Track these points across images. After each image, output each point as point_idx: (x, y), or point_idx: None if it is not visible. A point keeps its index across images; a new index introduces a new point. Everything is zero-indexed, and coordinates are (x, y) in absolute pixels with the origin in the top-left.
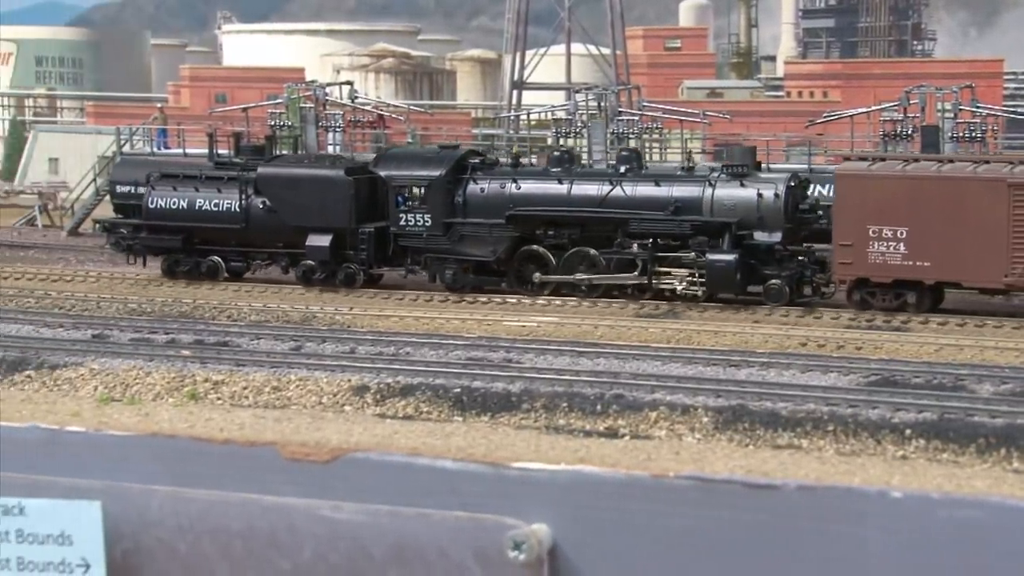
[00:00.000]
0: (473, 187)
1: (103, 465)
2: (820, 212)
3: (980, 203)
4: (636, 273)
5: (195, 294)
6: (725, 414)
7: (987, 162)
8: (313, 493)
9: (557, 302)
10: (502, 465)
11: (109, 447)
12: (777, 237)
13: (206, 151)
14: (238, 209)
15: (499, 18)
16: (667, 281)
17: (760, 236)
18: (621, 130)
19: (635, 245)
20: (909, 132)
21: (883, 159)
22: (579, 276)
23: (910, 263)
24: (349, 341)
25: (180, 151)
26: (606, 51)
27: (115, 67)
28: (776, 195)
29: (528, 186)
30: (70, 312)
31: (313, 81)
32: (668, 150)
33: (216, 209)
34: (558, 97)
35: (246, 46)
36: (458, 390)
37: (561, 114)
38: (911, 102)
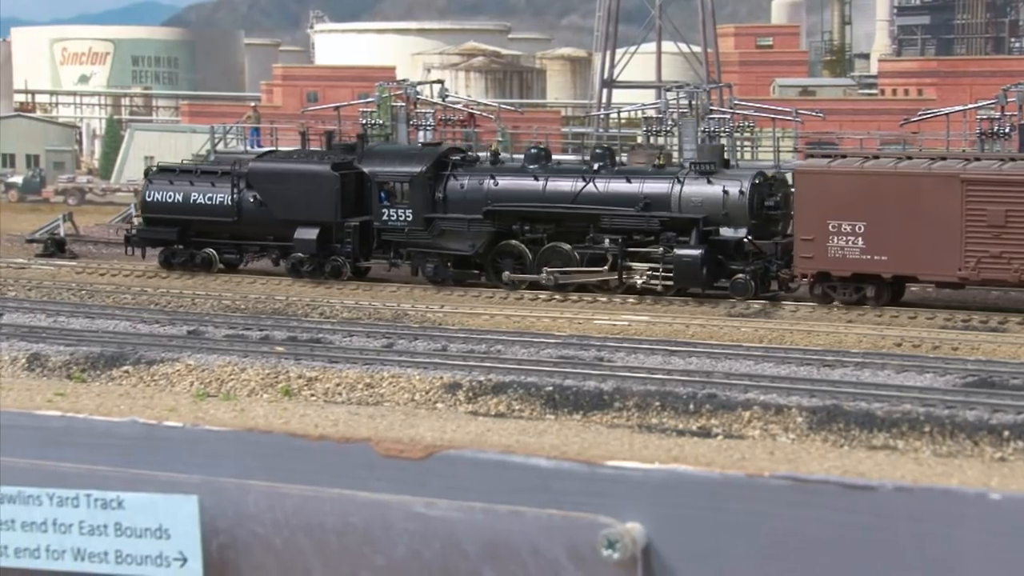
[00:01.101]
0: (453, 183)
1: (200, 460)
2: None
3: (935, 198)
4: (607, 268)
5: (288, 291)
6: (819, 414)
7: (944, 159)
8: (407, 490)
9: (649, 301)
10: (596, 463)
11: (206, 442)
12: (743, 233)
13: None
14: (230, 203)
15: (590, 16)
16: (634, 275)
17: (726, 232)
18: (712, 128)
19: (607, 240)
20: (1006, 131)
21: (844, 156)
22: (546, 272)
23: (868, 257)
24: (440, 339)
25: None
26: (697, 49)
27: (209, 66)
28: (741, 192)
29: (505, 182)
30: (166, 308)
31: (404, 80)
32: (760, 149)
33: (210, 203)
34: (648, 95)
35: (338, 45)
36: (550, 388)
37: (651, 112)
38: (1008, 100)
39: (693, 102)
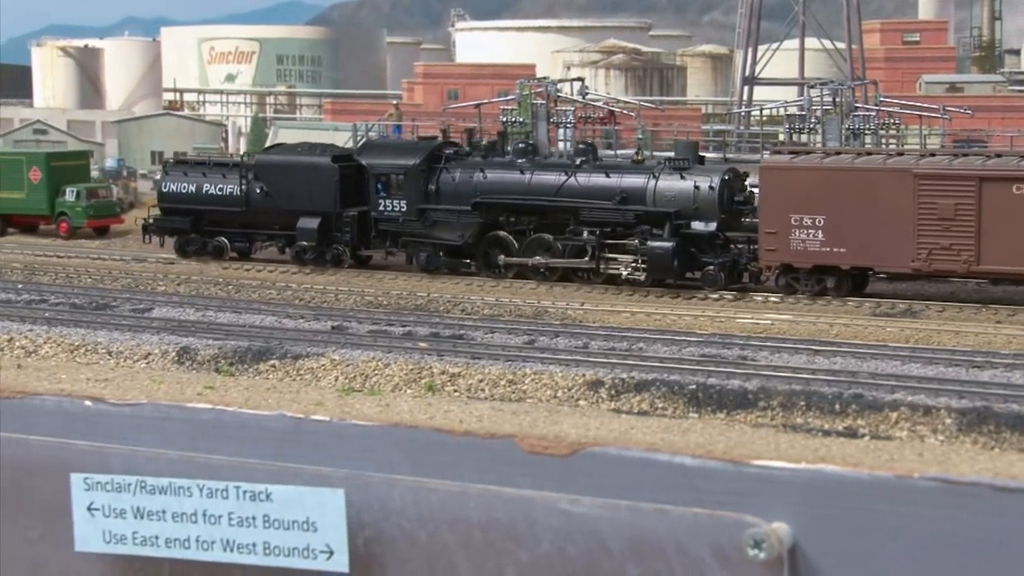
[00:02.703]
0: (446, 176)
1: (346, 453)
2: None
3: (889, 193)
4: (587, 259)
5: (428, 287)
6: (969, 416)
7: (901, 154)
8: (550, 486)
9: (790, 300)
10: (741, 462)
11: (352, 436)
12: (713, 226)
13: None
14: (239, 194)
15: (732, 13)
16: (614, 267)
17: (697, 225)
18: (857, 126)
19: (585, 232)
20: None
21: (808, 152)
22: (536, 259)
23: (827, 249)
24: (582, 336)
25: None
26: (841, 45)
27: (352, 65)
28: (711, 187)
29: (493, 176)
30: (310, 304)
31: (545, 78)
32: (905, 146)
33: (221, 193)
34: (790, 93)
35: (478, 43)
36: (693, 386)
37: (794, 110)
38: None
39: (837, 99)
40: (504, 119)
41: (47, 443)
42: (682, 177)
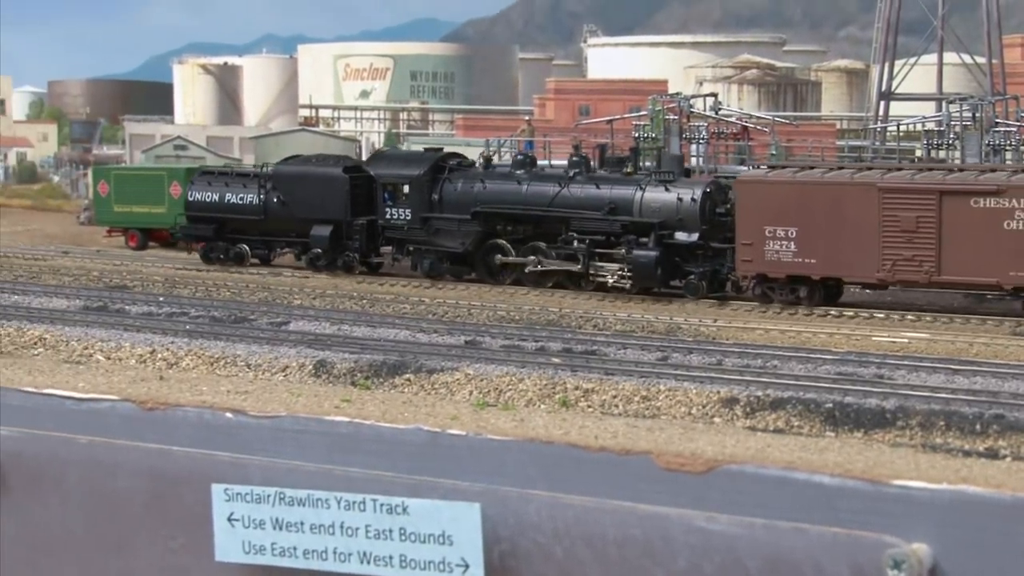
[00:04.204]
0: (448, 186)
1: (482, 468)
2: None
3: (856, 206)
4: (578, 267)
5: (560, 303)
6: None
7: (870, 169)
8: (685, 503)
9: (928, 318)
10: (881, 482)
11: (488, 451)
12: (695, 237)
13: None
14: (258, 202)
15: (868, 28)
16: (601, 274)
17: (681, 236)
18: (997, 142)
19: (576, 241)
20: None
21: (782, 167)
22: (529, 258)
23: (799, 260)
24: (715, 353)
25: (546, 163)
26: (981, 60)
27: (484, 81)
28: (693, 199)
29: (492, 186)
30: (443, 318)
31: (677, 93)
32: None
33: (241, 202)
34: (927, 108)
35: (610, 59)
36: (830, 405)
37: (932, 125)
38: None
39: (977, 115)
40: (636, 135)
41: (189, 454)
42: (667, 189)
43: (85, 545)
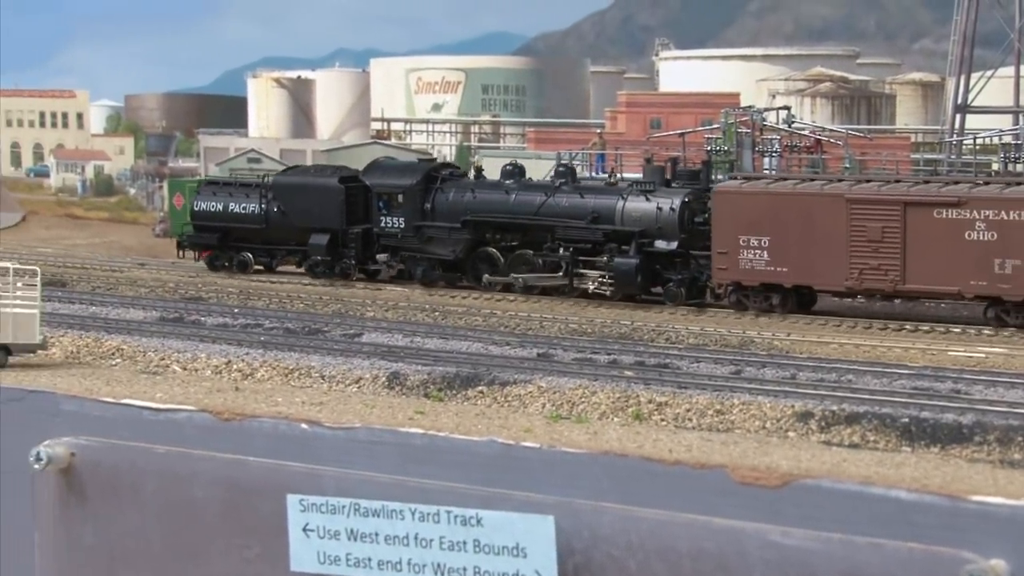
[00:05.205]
0: (440, 195)
1: (555, 480)
2: None
3: (825, 216)
4: (561, 274)
5: (632, 316)
6: None
7: (840, 180)
8: (760, 517)
9: (1005, 333)
10: (959, 498)
11: (562, 463)
12: (674, 245)
13: (639, 176)
14: (259, 212)
15: (943, 41)
16: (584, 282)
17: (660, 244)
18: None
19: (560, 249)
20: None
21: (757, 178)
22: (513, 276)
23: (772, 268)
24: (789, 367)
25: (619, 176)
26: None
27: (556, 94)
28: (672, 208)
29: (482, 196)
30: (515, 331)
31: (750, 106)
32: None
33: (244, 212)
34: (1004, 121)
35: (682, 72)
36: (906, 420)
37: (1009, 138)
38: None
39: None
40: (708, 148)
41: (264, 464)
42: (647, 199)
43: (161, 554)
